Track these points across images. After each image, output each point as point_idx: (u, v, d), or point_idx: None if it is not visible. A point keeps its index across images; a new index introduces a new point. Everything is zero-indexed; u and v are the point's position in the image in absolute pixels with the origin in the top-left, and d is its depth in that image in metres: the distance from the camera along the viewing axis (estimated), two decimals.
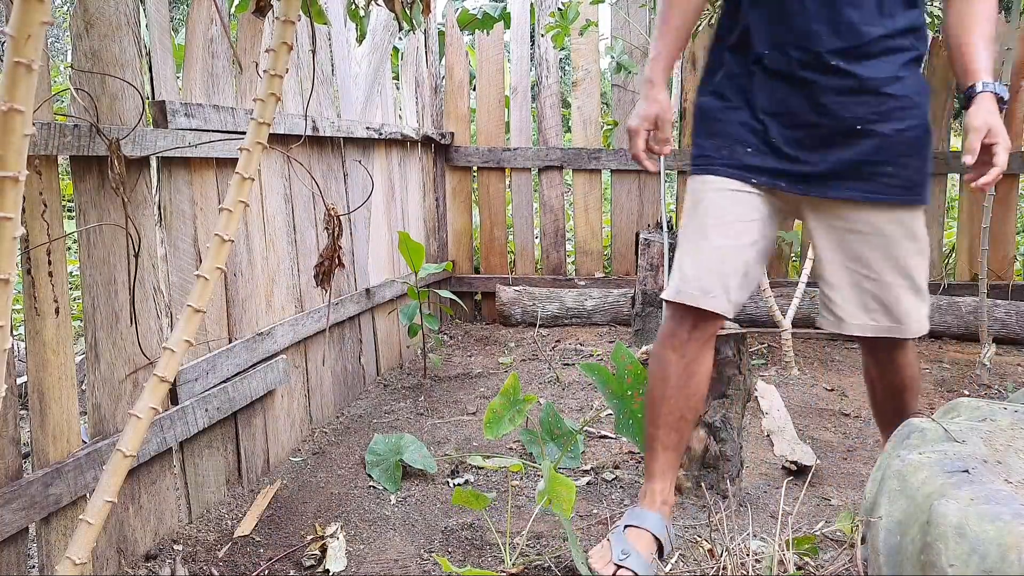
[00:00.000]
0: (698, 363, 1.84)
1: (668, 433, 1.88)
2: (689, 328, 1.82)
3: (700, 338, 1.83)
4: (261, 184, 2.53)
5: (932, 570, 1.19)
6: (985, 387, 3.28)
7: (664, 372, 1.85)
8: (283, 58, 1.32)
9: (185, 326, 1.30)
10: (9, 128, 0.92)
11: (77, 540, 1.22)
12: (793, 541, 1.92)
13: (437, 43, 4.45)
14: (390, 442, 2.52)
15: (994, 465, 1.35)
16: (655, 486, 1.91)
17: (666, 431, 1.87)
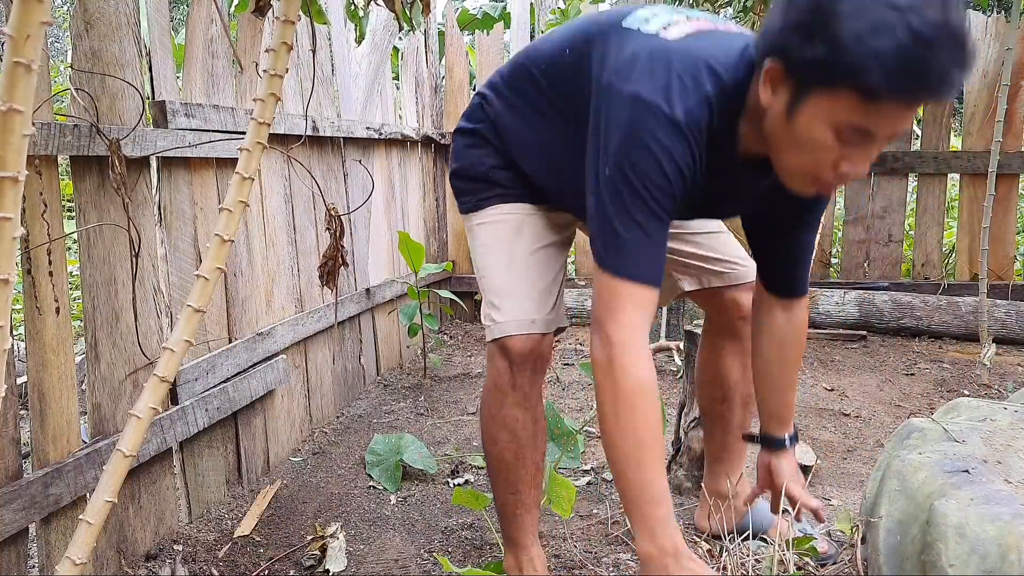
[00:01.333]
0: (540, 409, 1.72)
1: (529, 491, 1.71)
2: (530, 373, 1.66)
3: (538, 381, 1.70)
4: (261, 184, 2.53)
5: (932, 570, 1.19)
6: (985, 387, 3.28)
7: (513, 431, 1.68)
8: (283, 58, 1.32)
9: (185, 326, 1.30)
10: (9, 128, 0.92)
11: (77, 540, 1.22)
12: (793, 541, 1.92)
13: (437, 43, 4.45)
14: (390, 442, 2.52)
15: (994, 465, 1.35)
16: (531, 553, 1.75)
17: (527, 490, 1.71)
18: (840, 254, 4.61)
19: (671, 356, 3.63)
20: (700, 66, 1.32)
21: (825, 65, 1.16)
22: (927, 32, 1.10)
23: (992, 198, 3.43)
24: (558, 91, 1.55)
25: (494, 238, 1.67)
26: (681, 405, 2.33)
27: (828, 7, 1.15)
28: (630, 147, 1.30)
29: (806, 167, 1.29)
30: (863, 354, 3.83)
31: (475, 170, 1.69)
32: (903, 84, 1.14)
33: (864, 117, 1.18)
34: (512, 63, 1.67)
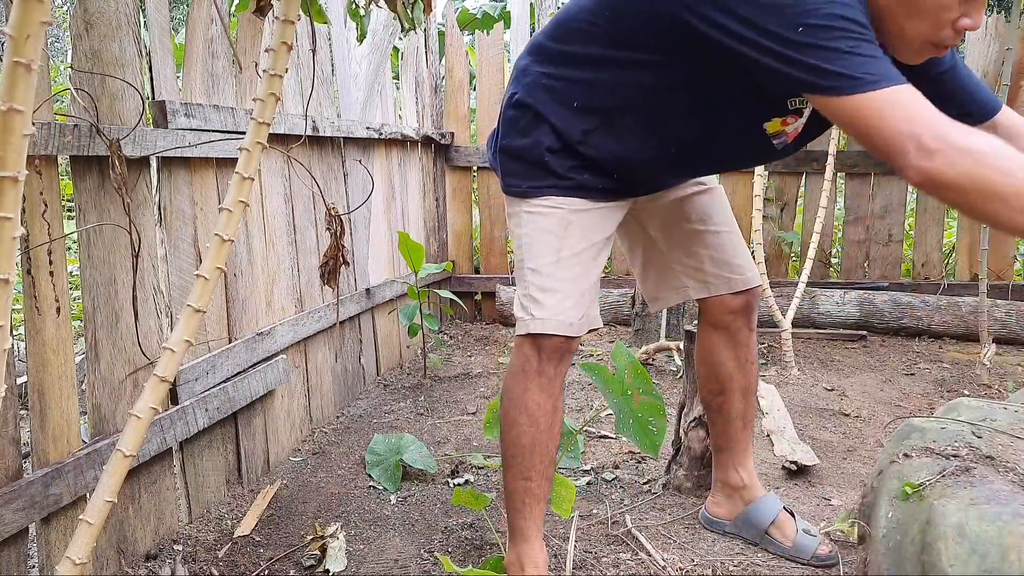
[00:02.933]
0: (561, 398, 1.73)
1: (540, 482, 1.71)
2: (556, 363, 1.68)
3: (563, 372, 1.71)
4: (261, 184, 2.53)
5: (932, 570, 1.19)
6: (985, 387, 3.28)
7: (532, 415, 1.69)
8: (283, 58, 1.32)
9: (185, 326, 1.30)
10: (9, 128, 0.92)
11: (77, 540, 1.22)
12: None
13: (437, 43, 4.45)
14: (390, 442, 2.52)
15: (994, 465, 1.35)
16: (534, 547, 1.72)
17: (539, 480, 1.71)
18: (840, 254, 4.61)
19: (671, 356, 3.63)
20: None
21: None
22: None
23: None
24: (625, 26, 1.47)
25: (542, 230, 1.65)
26: (681, 405, 2.33)
27: None
28: (808, 5, 1.22)
29: (927, 32, 1.32)
30: (863, 354, 3.83)
31: (528, 153, 1.63)
32: None
33: None
34: (553, 23, 1.61)
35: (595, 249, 1.68)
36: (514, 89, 1.67)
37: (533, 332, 1.64)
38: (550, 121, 1.59)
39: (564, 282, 1.64)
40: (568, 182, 1.62)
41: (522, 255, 1.69)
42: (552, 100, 1.59)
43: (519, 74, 1.67)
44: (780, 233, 4.43)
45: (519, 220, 1.68)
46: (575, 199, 1.63)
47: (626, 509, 2.23)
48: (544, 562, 1.73)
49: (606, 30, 1.51)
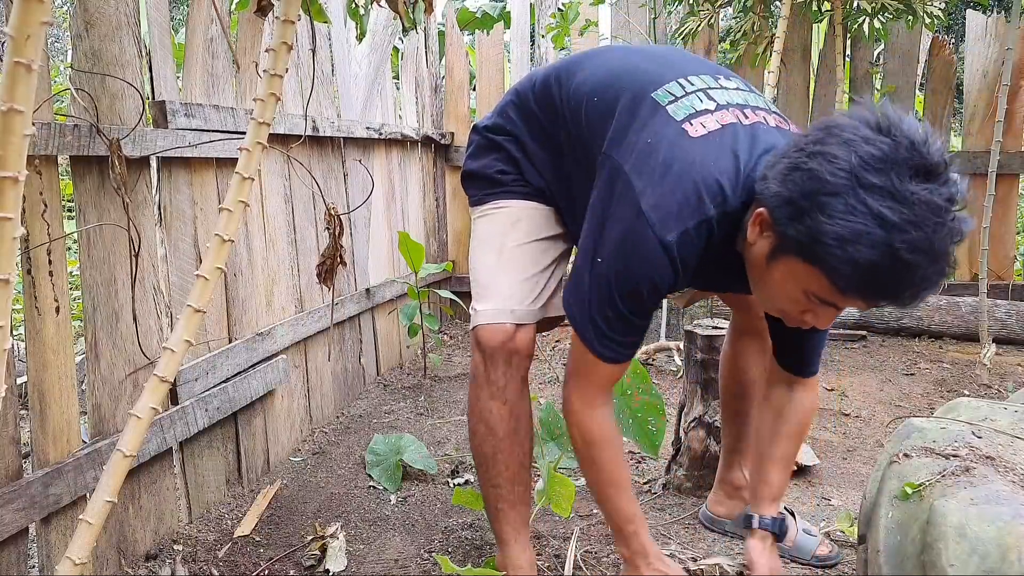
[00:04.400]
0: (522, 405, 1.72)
1: (511, 487, 1.69)
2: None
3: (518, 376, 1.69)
4: (261, 184, 2.53)
5: (932, 570, 1.19)
6: (985, 387, 3.28)
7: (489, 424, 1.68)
8: (283, 58, 1.32)
9: (185, 326, 1.30)
10: (9, 128, 0.92)
11: (77, 540, 1.22)
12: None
13: (437, 43, 4.45)
14: (390, 442, 2.52)
15: (994, 465, 1.35)
16: (514, 550, 1.71)
17: (508, 485, 1.69)
18: None
19: (671, 356, 3.63)
20: (709, 184, 1.34)
21: (803, 247, 1.20)
22: (908, 256, 1.12)
23: (992, 198, 3.43)
24: (577, 131, 1.57)
25: (489, 231, 1.69)
26: (681, 405, 2.33)
27: (820, 200, 1.16)
28: (620, 258, 1.38)
29: (775, 305, 1.38)
30: (863, 354, 3.83)
31: (483, 171, 1.72)
32: (871, 293, 1.19)
33: (831, 296, 1.24)
34: (544, 78, 1.67)
35: (544, 243, 1.68)
36: (487, 118, 1.76)
37: (475, 325, 1.64)
38: (507, 152, 1.69)
39: (505, 272, 1.65)
40: (521, 190, 1.68)
41: (471, 258, 1.72)
42: (511, 144, 1.69)
43: (499, 108, 1.74)
44: None
45: (474, 227, 1.74)
46: (527, 201, 1.68)
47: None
48: (529, 564, 1.72)
49: (567, 121, 1.60)
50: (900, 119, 1.17)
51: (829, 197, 1.15)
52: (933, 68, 4.27)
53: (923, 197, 1.12)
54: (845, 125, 1.20)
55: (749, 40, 3.93)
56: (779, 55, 3.39)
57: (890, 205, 1.12)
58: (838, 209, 1.14)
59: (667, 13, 4.45)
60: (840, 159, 1.15)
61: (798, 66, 4.35)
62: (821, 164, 1.17)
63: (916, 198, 1.12)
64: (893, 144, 1.14)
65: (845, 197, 1.14)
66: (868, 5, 3.68)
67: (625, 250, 1.37)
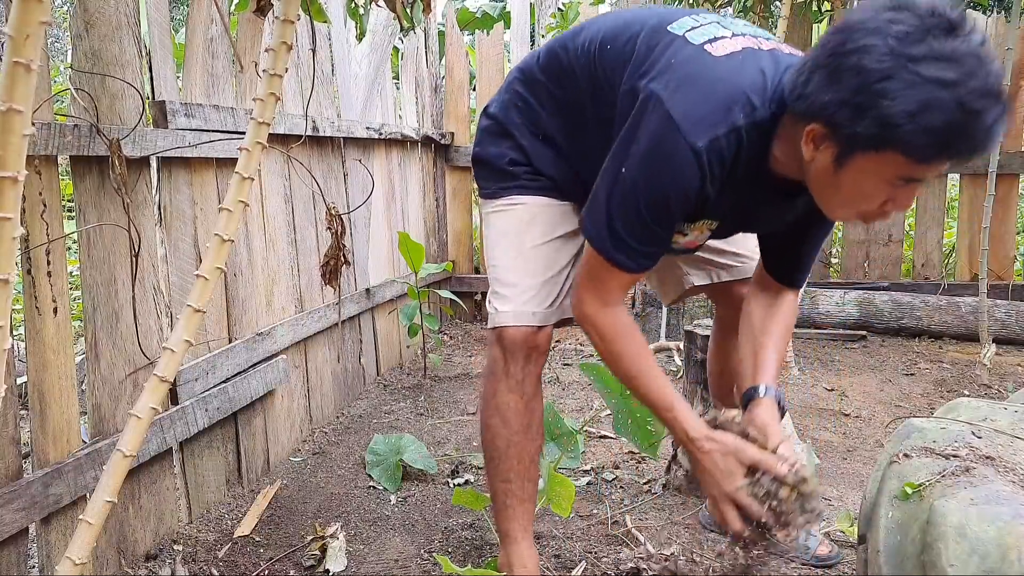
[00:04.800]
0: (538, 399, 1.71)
1: (522, 483, 1.69)
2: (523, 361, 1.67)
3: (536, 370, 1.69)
4: (261, 184, 2.53)
5: (932, 570, 1.19)
6: (985, 387, 3.28)
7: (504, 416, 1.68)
8: (283, 58, 1.32)
9: (185, 326, 1.30)
10: (8, 128, 0.92)
11: (77, 540, 1.22)
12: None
13: (437, 43, 4.45)
14: (390, 442, 2.52)
15: (994, 465, 1.35)
16: (521, 548, 1.70)
17: (519, 481, 1.69)
18: (840, 254, 4.61)
19: (671, 356, 3.63)
20: (736, 96, 1.33)
21: (877, 138, 1.20)
22: (976, 104, 1.15)
23: (992, 198, 3.43)
24: (593, 84, 1.55)
25: (505, 228, 1.69)
26: None
27: (877, 88, 1.17)
28: (648, 166, 1.36)
29: (853, 210, 1.35)
30: (863, 354, 3.83)
31: (495, 161, 1.70)
32: (953, 151, 1.20)
33: (914, 171, 1.24)
34: (548, 49, 1.66)
35: (559, 242, 1.69)
36: (494, 100, 1.74)
37: (497, 325, 1.66)
38: (516, 139, 1.67)
39: (525, 274, 1.66)
40: (534, 184, 1.68)
41: (488, 254, 1.73)
42: (521, 123, 1.67)
43: (505, 86, 1.73)
44: None
45: (488, 221, 1.73)
46: (540, 197, 1.67)
47: (626, 509, 2.23)
48: (533, 562, 1.72)
49: (579, 80, 1.59)
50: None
51: (884, 82, 1.17)
52: None
53: (964, 50, 1.16)
54: (863, 18, 1.22)
55: None
56: None
57: (942, 67, 1.15)
58: (897, 89, 1.16)
59: None
60: (878, 45, 1.18)
61: None
62: (861, 58, 1.18)
63: (960, 52, 1.16)
64: (916, 15, 1.18)
65: (899, 76, 1.16)
66: None
67: (654, 157, 1.36)
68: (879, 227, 4.40)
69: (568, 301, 1.68)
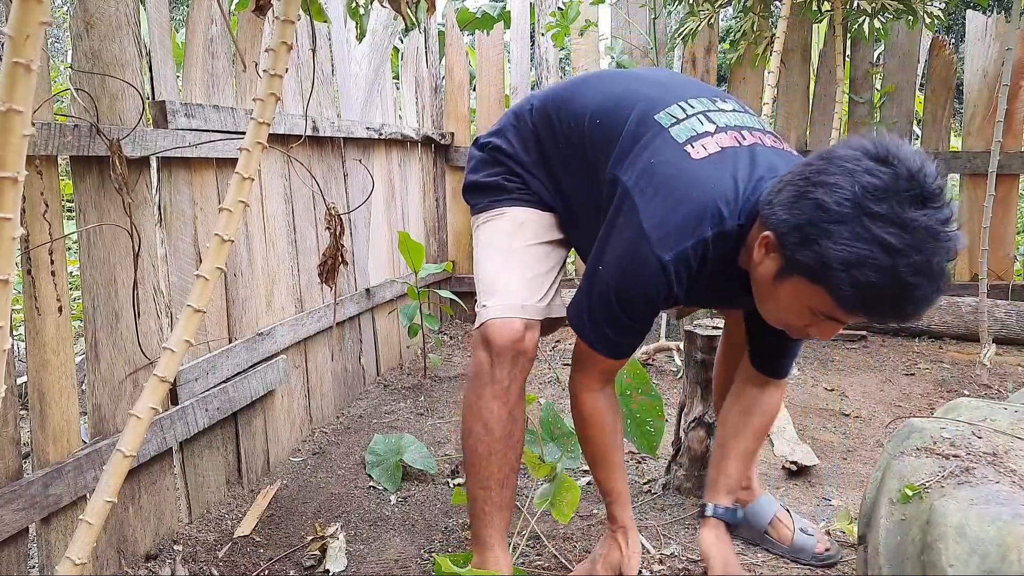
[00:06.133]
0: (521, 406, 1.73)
1: (500, 490, 1.70)
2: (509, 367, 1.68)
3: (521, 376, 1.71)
4: (261, 184, 2.53)
5: (932, 570, 1.19)
6: (985, 387, 3.28)
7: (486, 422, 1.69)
8: (283, 58, 1.32)
9: (185, 326, 1.30)
10: (8, 128, 0.92)
11: (77, 540, 1.22)
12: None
13: (437, 43, 4.45)
14: (390, 442, 2.52)
15: (994, 465, 1.35)
16: (496, 554, 1.70)
17: (497, 488, 1.69)
18: None
19: (671, 356, 3.63)
20: (707, 207, 1.41)
21: (810, 270, 1.27)
22: (910, 279, 1.20)
23: (992, 198, 3.43)
24: (581, 154, 1.64)
25: (494, 233, 1.74)
26: (681, 406, 2.33)
27: (825, 228, 1.24)
28: (619, 269, 1.47)
29: (780, 319, 1.44)
30: (863, 354, 3.83)
31: (488, 182, 1.77)
32: (873, 311, 1.27)
33: (835, 312, 1.31)
34: (541, 106, 1.74)
35: (548, 246, 1.73)
36: (489, 134, 1.82)
37: (484, 320, 1.65)
38: (508, 167, 1.76)
39: (513, 271, 1.68)
40: (525, 197, 1.74)
41: (478, 260, 1.76)
42: (511, 160, 1.76)
43: (499, 125, 1.81)
44: None
45: (478, 232, 1.78)
46: (530, 208, 1.73)
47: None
48: (507, 568, 1.71)
49: (566, 143, 1.69)
50: (899, 148, 1.24)
51: (835, 225, 1.23)
52: (933, 68, 4.27)
53: (923, 223, 1.20)
54: (847, 156, 1.27)
55: (749, 40, 3.93)
56: (779, 55, 3.38)
57: (892, 232, 1.20)
58: (844, 236, 1.22)
59: (667, 13, 4.45)
60: (844, 189, 1.23)
61: (798, 66, 4.35)
62: (826, 194, 1.24)
63: (916, 224, 1.20)
64: (893, 174, 1.22)
65: (850, 225, 1.22)
66: (868, 5, 3.68)
67: (625, 263, 1.46)
68: None
69: (556, 301, 1.72)
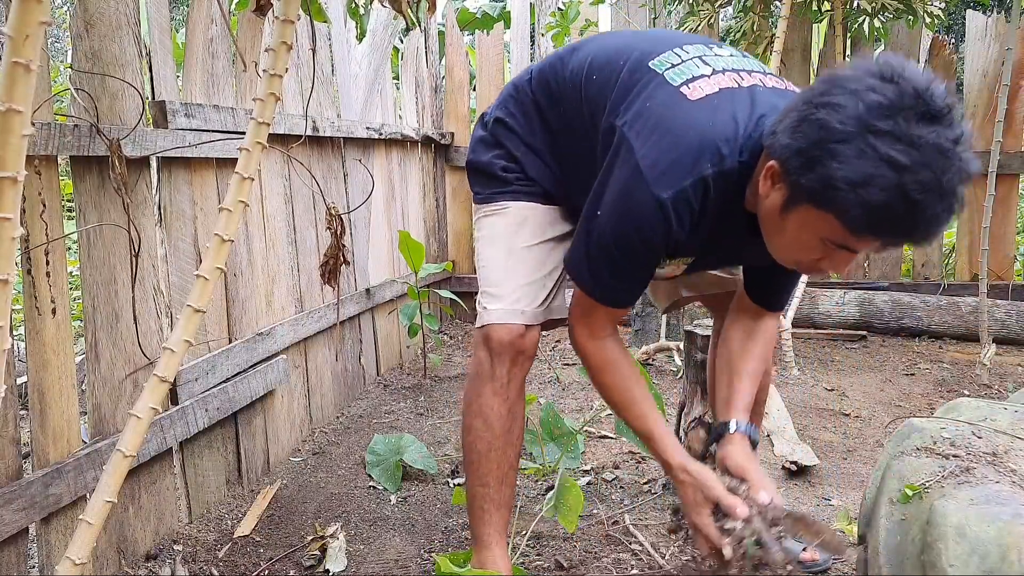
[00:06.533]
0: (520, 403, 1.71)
1: (500, 488, 1.68)
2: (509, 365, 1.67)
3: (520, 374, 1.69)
4: (261, 184, 2.53)
5: (932, 570, 1.19)
6: (985, 387, 3.28)
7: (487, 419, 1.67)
8: (283, 58, 1.32)
9: (185, 326, 1.30)
10: (8, 128, 0.91)
11: (77, 540, 1.22)
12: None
13: (437, 43, 4.45)
14: (390, 442, 2.52)
15: (994, 465, 1.35)
16: (495, 554, 1.68)
17: (497, 485, 1.68)
18: None
19: (671, 356, 3.63)
20: (705, 145, 1.35)
21: (816, 194, 1.22)
22: (918, 196, 1.14)
23: (992, 198, 3.43)
24: (580, 112, 1.60)
25: (496, 229, 1.71)
26: (681, 405, 2.32)
27: (830, 148, 1.18)
28: (617, 213, 1.42)
29: (790, 256, 1.39)
30: (863, 354, 3.83)
31: (488, 167, 1.74)
32: (884, 232, 1.21)
33: (846, 240, 1.26)
34: (540, 71, 1.71)
35: (550, 244, 1.70)
36: (489, 111, 1.78)
37: (485, 323, 1.65)
38: (508, 149, 1.71)
39: (515, 273, 1.67)
40: (526, 189, 1.70)
41: (480, 254, 1.74)
42: (513, 136, 1.71)
43: (500, 99, 1.77)
44: None
45: (479, 224, 1.76)
46: (532, 202, 1.70)
47: (626, 509, 2.23)
48: (506, 567, 1.71)
49: (565, 106, 1.65)
50: (904, 67, 1.19)
51: (839, 144, 1.17)
52: (933, 68, 4.26)
53: (930, 140, 1.14)
54: (850, 76, 1.22)
55: (749, 40, 3.93)
56: (779, 55, 3.38)
57: (899, 148, 1.14)
58: (848, 155, 1.16)
59: (667, 13, 4.45)
60: (848, 107, 1.18)
61: (798, 66, 4.35)
62: (829, 114, 1.19)
63: (923, 141, 1.14)
64: (898, 91, 1.16)
65: (855, 143, 1.16)
66: (868, 5, 3.68)
67: (622, 205, 1.41)
68: None
69: (557, 303, 1.71)
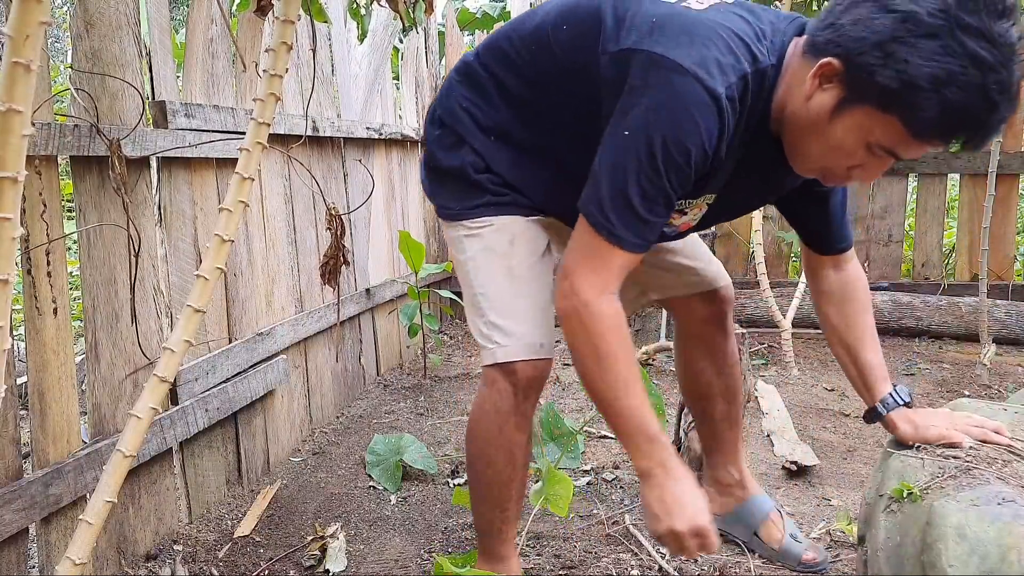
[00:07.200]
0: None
1: (515, 507, 1.66)
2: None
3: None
4: (261, 184, 2.53)
5: (932, 571, 1.19)
6: (985, 387, 3.28)
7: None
8: (283, 58, 1.32)
9: (185, 326, 1.30)
10: (8, 128, 0.92)
11: (77, 540, 1.22)
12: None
13: (437, 43, 4.45)
14: (390, 442, 2.52)
15: (994, 465, 1.35)
16: (511, 565, 1.68)
17: (514, 507, 1.65)
18: None
19: (671, 356, 3.63)
20: (738, 42, 1.25)
21: (889, 93, 1.14)
22: (996, 96, 1.10)
23: (992, 198, 3.43)
24: (554, 66, 1.43)
25: (488, 250, 1.55)
26: (681, 406, 2.33)
27: (914, 40, 1.11)
28: (661, 117, 1.23)
29: (822, 162, 1.29)
30: None
31: (457, 172, 1.55)
32: (954, 134, 1.16)
33: (901, 144, 1.19)
34: (488, 44, 1.53)
35: (546, 259, 1.58)
36: (436, 107, 1.61)
37: (502, 361, 1.53)
38: (469, 143, 1.54)
39: (523, 299, 1.54)
40: (503, 198, 1.54)
41: (469, 281, 1.57)
42: (471, 123, 1.54)
43: (444, 91, 1.60)
44: (780, 233, 4.43)
45: (460, 245, 1.57)
46: (513, 216, 1.55)
47: (626, 509, 2.23)
48: (518, 571, 1.71)
49: (531, 67, 1.47)
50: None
51: (926, 39, 1.10)
52: None
53: (1007, 37, 1.11)
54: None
55: None
56: None
57: (984, 46, 1.09)
58: (936, 51, 1.10)
59: None
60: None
61: None
62: (916, 4, 1.11)
63: (1004, 39, 1.11)
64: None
65: (943, 39, 1.10)
66: None
67: (671, 109, 1.23)
68: (879, 227, 4.40)
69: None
